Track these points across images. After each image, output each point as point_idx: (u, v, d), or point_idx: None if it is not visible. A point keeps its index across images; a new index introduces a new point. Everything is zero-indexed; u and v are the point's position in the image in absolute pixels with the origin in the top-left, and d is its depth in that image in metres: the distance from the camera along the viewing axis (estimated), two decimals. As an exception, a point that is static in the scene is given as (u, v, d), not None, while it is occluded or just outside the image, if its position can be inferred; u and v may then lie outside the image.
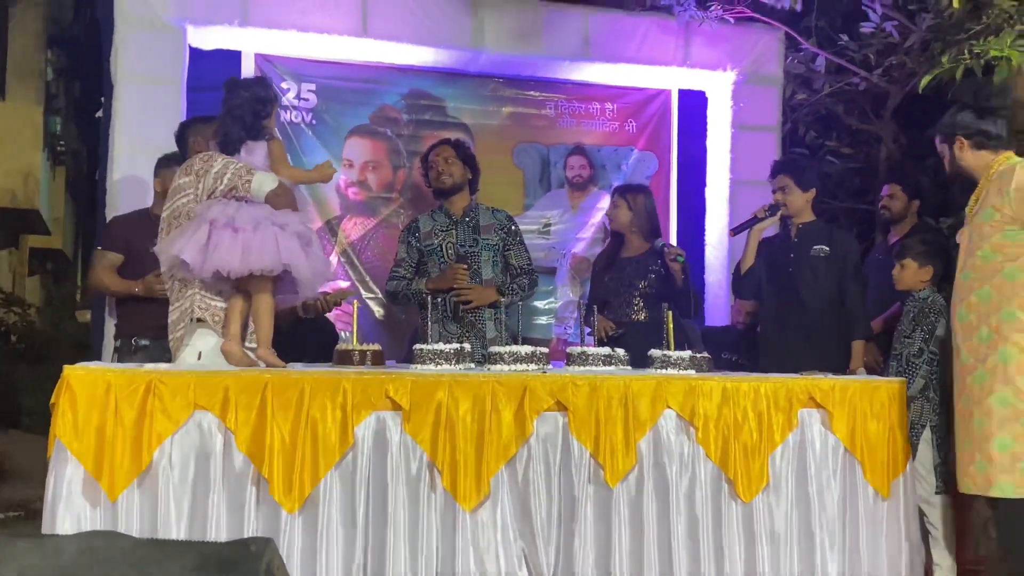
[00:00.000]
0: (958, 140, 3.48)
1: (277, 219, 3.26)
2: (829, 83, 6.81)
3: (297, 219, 3.34)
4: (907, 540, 3.46)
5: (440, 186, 4.42)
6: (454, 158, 4.42)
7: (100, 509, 2.83)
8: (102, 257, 4.35)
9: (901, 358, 3.99)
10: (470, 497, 3.00)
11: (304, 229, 3.34)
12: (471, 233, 4.36)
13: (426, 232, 4.40)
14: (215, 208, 3.25)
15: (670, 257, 4.45)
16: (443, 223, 4.40)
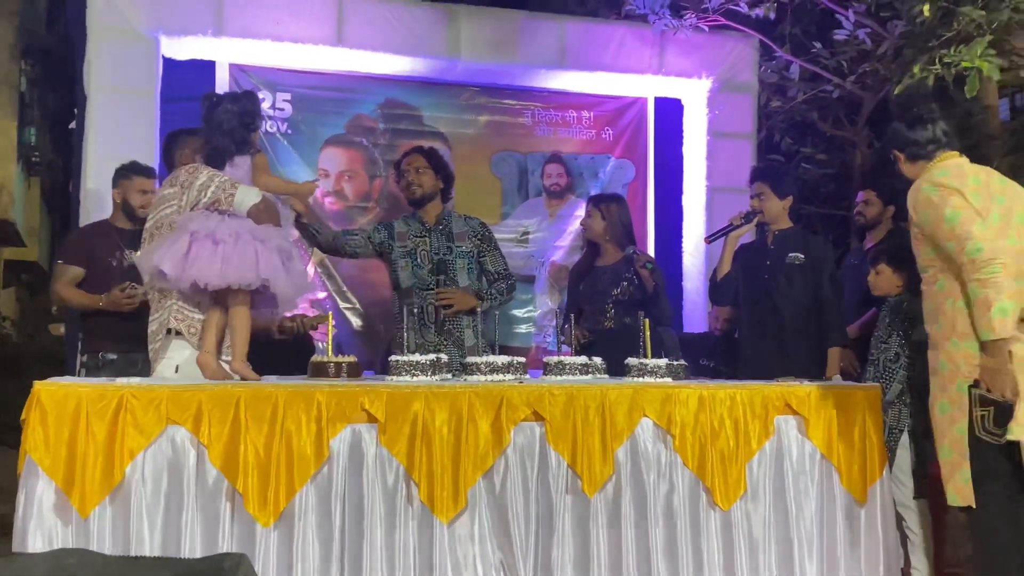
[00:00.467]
0: (895, 155, 3.46)
1: (258, 233, 3.25)
2: (803, 90, 6.87)
3: (278, 234, 3.33)
4: (885, 545, 3.47)
5: (411, 196, 4.40)
6: (425, 167, 4.39)
7: (72, 526, 2.79)
8: (63, 272, 4.29)
9: (878, 363, 4.01)
10: (447, 509, 2.99)
11: (285, 244, 3.32)
12: (445, 241, 4.35)
13: (400, 233, 4.38)
14: (196, 220, 3.24)
15: (639, 264, 4.46)
16: (417, 230, 4.38)
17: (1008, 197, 3.29)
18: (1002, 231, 3.19)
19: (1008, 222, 3.24)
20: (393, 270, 4.37)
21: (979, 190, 3.23)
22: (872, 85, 6.75)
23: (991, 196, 3.25)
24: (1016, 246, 3.20)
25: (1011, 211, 3.26)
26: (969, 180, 3.26)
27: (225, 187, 3.30)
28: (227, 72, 5.53)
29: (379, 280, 5.72)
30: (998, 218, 3.20)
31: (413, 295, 4.26)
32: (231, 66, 5.54)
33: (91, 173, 5.01)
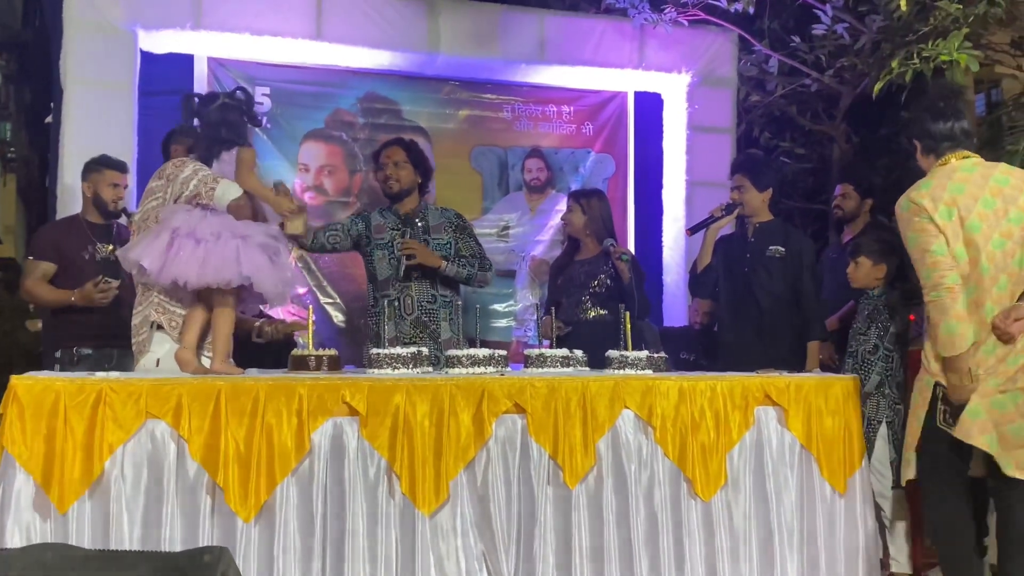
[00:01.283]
0: (913, 143, 3.48)
1: (240, 230, 3.23)
2: (782, 84, 6.90)
3: (262, 230, 3.31)
4: (864, 534, 3.50)
5: (387, 190, 4.37)
6: (404, 161, 4.35)
7: (50, 521, 2.77)
8: (34, 268, 4.25)
9: (856, 355, 4.04)
10: (429, 501, 2.98)
11: (269, 240, 3.30)
12: (421, 234, 4.33)
13: (376, 225, 4.35)
14: (179, 215, 3.22)
15: (615, 256, 4.47)
16: (393, 222, 4.35)
17: (1004, 197, 3.27)
18: (983, 239, 3.22)
19: (996, 224, 3.25)
20: (369, 262, 4.34)
21: (955, 202, 3.24)
22: (850, 79, 6.79)
23: (973, 204, 3.24)
24: (997, 251, 3.23)
25: (1004, 212, 3.26)
26: (947, 193, 3.26)
27: (207, 181, 3.28)
28: (205, 66, 5.50)
29: (359, 275, 5.69)
30: (976, 228, 3.22)
31: (389, 287, 4.25)
32: (209, 60, 5.51)
33: (68, 168, 4.96)
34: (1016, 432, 3.20)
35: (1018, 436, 3.20)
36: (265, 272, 3.21)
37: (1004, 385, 3.22)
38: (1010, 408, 3.21)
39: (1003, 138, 5.58)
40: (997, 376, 3.22)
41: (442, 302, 4.30)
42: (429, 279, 4.28)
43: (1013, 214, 3.27)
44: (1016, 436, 3.20)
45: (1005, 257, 3.25)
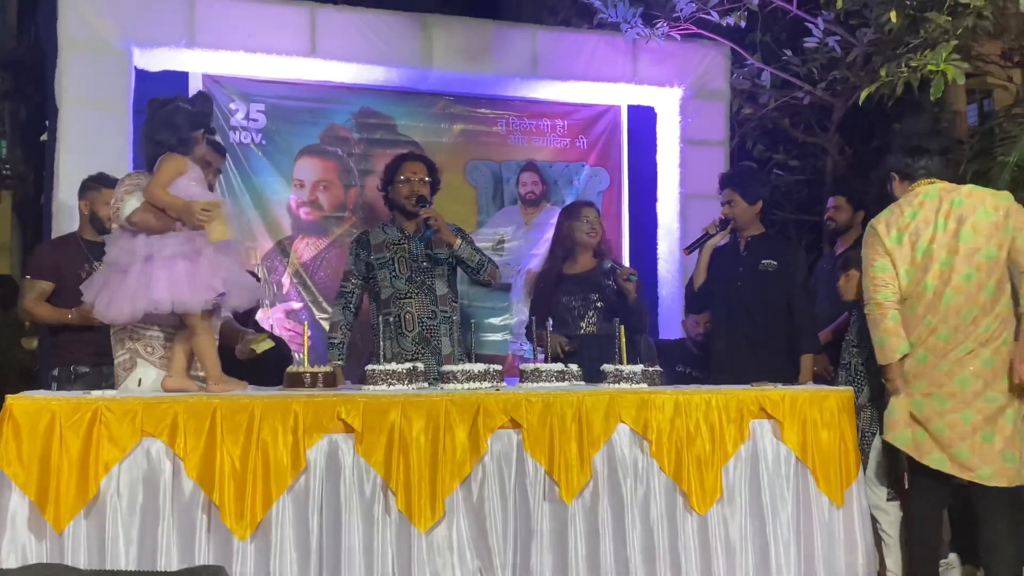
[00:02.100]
0: (892, 177, 3.82)
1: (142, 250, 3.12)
2: (775, 97, 6.93)
3: (169, 243, 3.13)
4: (861, 546, 3.50)
5: (407, 206, 4.34)
6: (425, 178, 4.36)
7: (46, 541, 2.77)
8: (32, 287, 4.25)
9: (850, 368, 4.05)
10: (425, 518, 2.99)
11: (181, 248, 3.13)
12: (424, 248, 4.34)
13: (377, 245, 4.34)
14: (110, 248, 3.20)
15: (623, 278, 4.45)
16: (395, 237, 4.35)
17: (958, 218, 3.56)
18: (928, 259, 3.55)
19: (945, 243, 3.54)
20: (374, 283, 4.32)
21: (907, 226, 3.60)
22: (842, 92, 6.82)
23: (926, 227, 3.57)
24: (944, 269, 3.53)
25: (956, 232, 3.54)
26: (902, 217, 3.63)
27: (119, 198, 3.25)
28: (200, 83, 5.51)
29: (355, 290, 5.71)
30: (924, 250, 3.56)
31: (391, 305, 4.25)
32: (204, 77, 5.53)
33: (63, 186, 4.97)
34: (940, 430, 3.52)
35: (943, 434, 3.52)
36: (183, 286, 3.07)
37: (928, 389, 3.56)
38: (927, 410, 3.55)
39: (994, 148, 5.61)
40: (921, 380, 3.57)
41: (442, 318, 4.30)
42: (429, 295, 4.29)
43: (964, 233, 3.54)
44: (942, 434, 3.52)
45: (952, 274, 3.52)
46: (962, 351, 3.51)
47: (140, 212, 3.17)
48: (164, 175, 3.18)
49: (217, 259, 3.15)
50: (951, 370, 3.52)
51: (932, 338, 3.54)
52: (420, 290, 4.27)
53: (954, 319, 3.51)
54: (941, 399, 3.53)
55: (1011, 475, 3.48)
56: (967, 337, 3.51)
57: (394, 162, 4.48)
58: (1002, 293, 3.54)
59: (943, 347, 3.53)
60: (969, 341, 3.51)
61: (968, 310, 3.50)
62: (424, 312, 4.25)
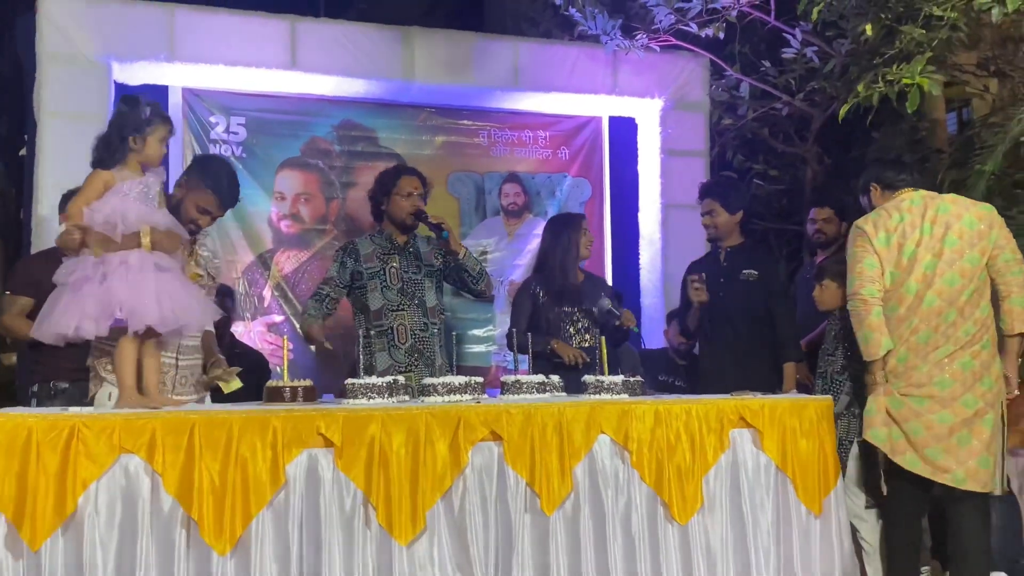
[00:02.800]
0: (872, 187, 3.91)
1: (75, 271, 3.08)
2: (753, 108, 6.98)
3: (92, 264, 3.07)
4: (840, 555, 3.52)
5: (405, 221, 4.32)
6: (421, 193, 4.36)
7: (23, 560, 2.74)
8: (12, 303, 4.21)
9: (826, 376, 4.08)
10: (406, 531, 2.98)
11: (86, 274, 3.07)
12: (413, 260, 4.33)
13: (366, 255, 4.31)
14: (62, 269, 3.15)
15: (625, 327, 4.44)
16: (384, 247, 4.33)
17: (943, 224, 3.64)
18: (913, 262, 3.62)
19: (930, 247, 3.62)
20: (362, 295, 4.28)
21: (895, 229, 3.67)
22: (820, 102, 6.88)
23: (912, 231, 3.65)
24: (928, 272, 3.60)
25: (941, 236, 3.62)
26: (889, 220, 3.69)
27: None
28: (180, 96, 5.51)
29: (336, 303, 5.71)
30: (910, 253, 3.63)
31: (383, 316, 4.23)
32: (184, 90, 5.53)
33: (43, 200, 4.95)
34: (915, 431, 3.58)
35: (918, 435, 3.58)
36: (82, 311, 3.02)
37: (906, 389, 3.61)
38: (904, 409, 3.60)
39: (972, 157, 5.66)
40: (900, 380, 3.62)
41: (433, 330, 4.30)
42: (421, 307, 4.28)
43: (949, 238, 3.63)
44: (917, 435, 3.58)
45: (935, 277, 3.59)
46: (942, 353, 3.57)
47: (64, 234, 3.12)
48: (86, 193, 3.13)
49: (133, 280, 3.06)
50: (931, 372, 3.58)
51: (913, 338, 3.60)
52: (412, 302, 4.26)
53: (934, 320, 3.58)
54: (919, 399, 3.59)
55: (984, 480, 3.52)
56: (947, 339, 3.57)
57: (391, 175, 4.44)
58: (981, 298, 3.61)
59: (923, 348, 3.59)
60: (949, 343, 3.57)
61: (947, 312, 3.57)
62: (416, 324, 4.24)
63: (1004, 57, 6.78)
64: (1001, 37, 6.61)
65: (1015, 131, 5.28)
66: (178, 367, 3.55)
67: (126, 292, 3.03)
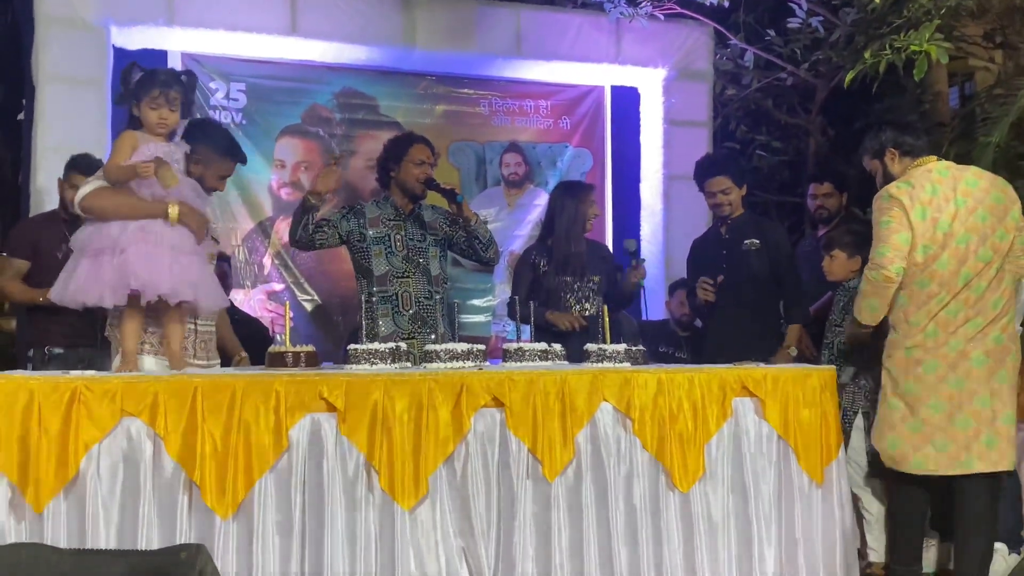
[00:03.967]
0: (890, 152, 3.74)
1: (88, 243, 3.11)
2: (757, 78, 6.93)
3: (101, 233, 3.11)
4: (841, 525, 3.51)
5: (414, 190, 4.28)
6: (431, 162, 4.32)
7: (26, 522, 2.74)
8: (7, 265, 4.19)
9: (832, 347, 4.07)
10: (408, 496, 2.98)
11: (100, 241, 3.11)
12: (419, 229, 4.30)
13: (372, 219, 4.27)
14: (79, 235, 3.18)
15: (633, 281, 4.45)
16: (390, 214, 4.29)
17: (975, 198, 3.56)
18: (948, 237, 3.51)
19: (964, 221, 3.52)
20: (364, 257, 4.23)
21: (930, 202, 3.53)
22: (825, 73, 6.83)
23: (945, 204, 3.53)
24: (961, 246, 3.51)
25: (973, 210, 3.54)
26: (923, 192, 3.55)
27: (75, 188, 3.23)
28: (179, 62, 5.46)
29: (336, 271, 5.70)
30: (945, 227, 3.52)
31: (387, 282, 4.20)
32: (183, 56, 5.48)
33: (41, 165, 4.93)
34: (935, 408, 3.49)
35: (939, 411, 3.50)
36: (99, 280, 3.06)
37: (933, 363, 3.51)
38: (922, 390, 3.51)
39: (975, 130, 5.63)
40: (930, 355, 3.52)
41: (437, 298, 4.28)
42: (425, 275, 4.25)
43: (980, 212, 3.54)
44: (938, 411, 3.50)
45: (969, 253, 3.51)
46: (972, 328, 3.51)
47: (89, 198, 3.13)
48: (116, 154, 3.18)
49: (150, 252, 3.09)
50: (965, 348, 3.50)
51: (943, 313, 3.51)
52: (417, 270, 4.23)
53: (964, 293, 3.51)
54: (946, 378, 3.50)
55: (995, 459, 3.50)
56: (978, 313, 3.51)
57: (402, 142, 4.38)
58: (1005, 272, 3.58)
59: (952, 322, 3.51)
60: (979, 317, 3.51)
61: (978, 285, 3.51)
62: (421, 292, 4.22)
63: (1011, 28, 6.72)
64: (1008, 8, 6.55)
65: (1021, 102, 5.24)
66: (197, 332, 3.53)
67: (142, 264, 3.06)
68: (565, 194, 4.62)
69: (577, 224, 4.51)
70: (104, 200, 3.13)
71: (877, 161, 3.79)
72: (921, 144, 3.70)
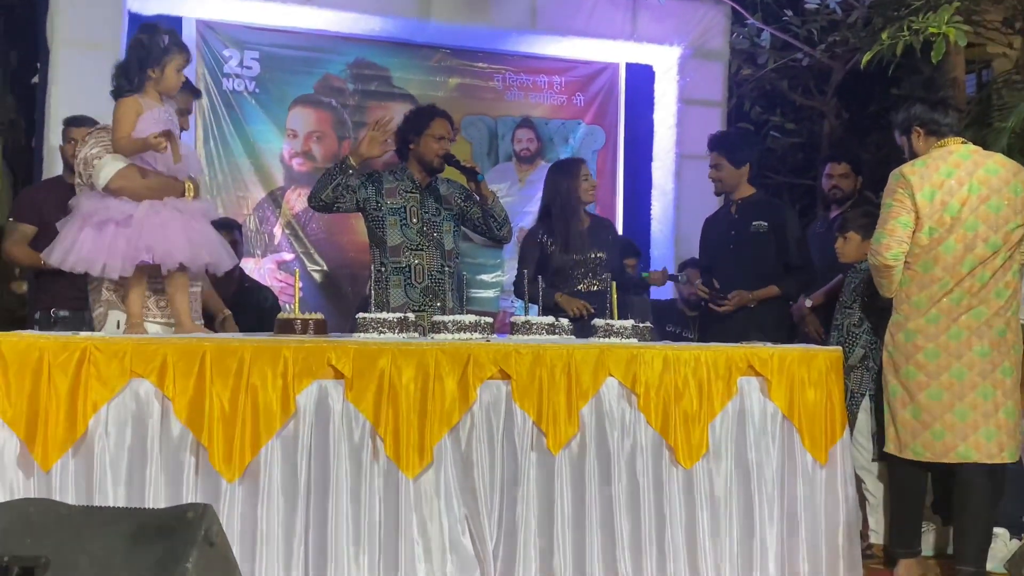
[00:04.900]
0: (915, 130, 3.68)
1: (103, 214, 3.10)
2: (773, 59, 6.89)
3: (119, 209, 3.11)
4: (844, 505, 3.52)
5: (432, 164, 4.27)
6: (449, 137, 4.30)
7: (34, 479, 2.77)
8: (14, 229, 4.22)
9: (842, 328, 4.06)
10: (413, 464, 2.99)
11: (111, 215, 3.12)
12: (434, 202, 4.30)
13: (389, 189, 4.26)
14: (83, 203, 3.17)
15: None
16: (407, 186, 4.28)
17: (990, 186, 3.49)
18: (956, 222, 3.47)
19: (975, 209, 3.47)
20: (379, 227, 4.21)
21: (941, 185, 3.49)
22: (841, 54, 6.78)
23: (958, 188, 3.48)
24: (969, 233, 3.47)
25: (986, 198, 3.49)
26: (936, 174, 3.51)
27: (89, 163, 3.20)
28: (194, 28, 5.45)
29: (346, 242, 5.71)
30: (954, 211, 3.48)
31: (400, 253, 4.20)
32: (198, 22, 5.47)
33: (54, 130, 4.93)
34: (935, 396, 3.50)
35: (939, 398, 3.49)
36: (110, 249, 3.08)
37: (934, 351, 3.49)
38: (923, 375, 3.50)
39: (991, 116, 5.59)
40: (931, 342, 3.49)
41: (448, 272, 4.28)
42: (439, 249, 4.25)
43: (994, 201, 3.48)
44: (937, 398, 3.49)
45: (976, 240, 3.47)
46: (975, 317, 3.47)
47: (117, 179, 3.13)
48: (123, 124, 3.14)
49: (162, 222, 3.11)
50: (968, 340, 3.47)
51: (946, 300, 3.48)
52: (430, 243, 4.23)
53: (968, 281, 3.47)
54: (948, 367, 3.49)
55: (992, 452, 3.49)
56: (981, 302, 3.48)
57: (424, 115, 4.35)
58: (1012, 262, 3.53)
59: (955, 310, 3.48)
60: (983, 307, 3.48)
61: (983, 274, 3.47)
62: (433, 265, 4.22)
63: (1031, 14, 6.66)
64: (1028, -7, 6.49)
65: (1039, 88, 5.20)
66: None
67: (157, 235, 3.09)
68: (556, 174, 4.63)
69: (572, 201, 4.51)
70: (133, 182, 3.14)
71: (904, 137, 3.73)
72: (949, 123, 3.63)
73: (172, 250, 3.11)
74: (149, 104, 3.19)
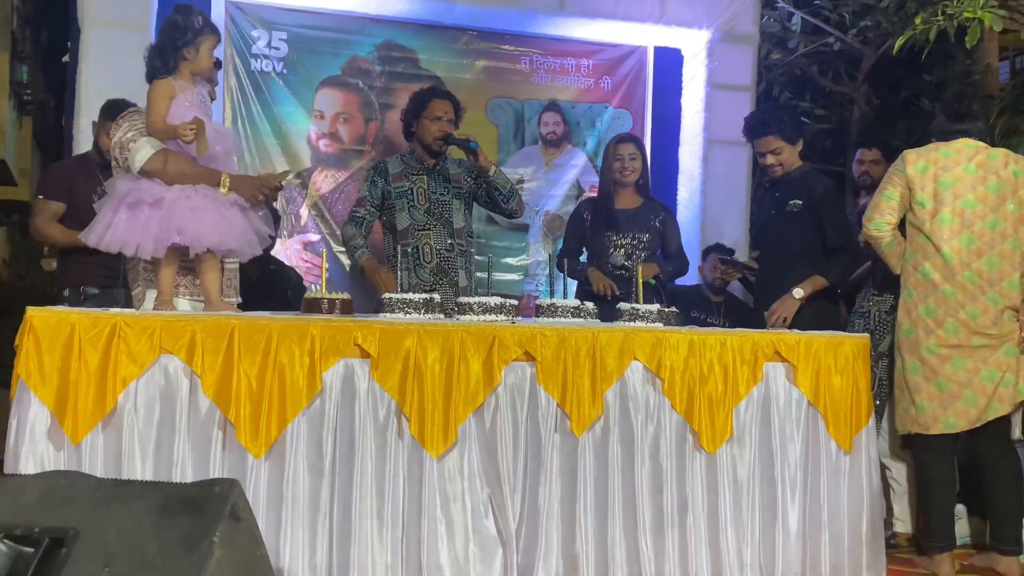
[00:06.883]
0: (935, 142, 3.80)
1: (136, 195, 3.11)
2: (804, 43, 6.82)
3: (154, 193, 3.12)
4: (868, 493, 3.51)
5: (435, 147, 4.29)
6: (453, 118, 4.31)
7: (64, 452, 2.80)
8: (44, 207, 4.25)
9: (869, 315, 4.03)
10: (437, 444, 3.01)
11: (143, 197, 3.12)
12: (442, 182, 4.32)
13: (395, 174, 4.31)
14: (119, 184, 3.17)
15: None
16: (414, 168, 4.32)
17: (987, 168, 3.59)
18: (952, 196, 3.58)
19: (971, 187, 3.58)
20: (390, 213, 4.30)
21: (935, 161, 3.63)
22: (873, 39, 6.70)
23: (954, 166, 3.60)
24: (966, 209, 3.56)
25: (983, 179, 3.59)
26: (933, 152, 3.65)
27: (124, 146, 3.21)
28: (223, 8, 5.47)
29: (373, 224, 5.71)
30: (948, 184, 3.60)
31: (409, 236, 4.24)
32: (227, 3, 5.49)
33: (84, 108, 4.97)
34: (954, 372, 3.57)
35: (952, 381, 3.58)
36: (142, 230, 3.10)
37: (954, 326, 3.56)
38: (939, 355, 3.58)
39: (1023, 102, 5.52)
40: (951, 317, 3.56)
41: (459, 250, 4.30)
42: (447, 227, 4.27)
43: (991, 181, 3.57)
44: (951, 381, 3.58)
45: (973, 217, 3.55)
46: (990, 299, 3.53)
47: (152, 162, 3.14)
48: (157, 108, 3.15)
49: (194, 205, 3.12)
50: (976, 326, 3.53)
51: (947, 286, 3.57)
52: (438, 222, 4.26)
53: (975, 262, 3.54)
54: (960, 346, 3.55)
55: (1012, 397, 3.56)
56: (991, 285, 3.52)
57: (422, 97, 4.39)
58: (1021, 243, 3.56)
59: (972, 289, 3.54)
60: (993, 290, 3.51)
61: (989, 256, 3.52)
62: (442, 244, 4.25)
63: (1069, -1, 6.55)
64: (1067, -23, 6.39)
65: (1074, 76, 5.12)
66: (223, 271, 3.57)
67: (188, 218, 3.10)
68: (605, 150, 4.67)
69: (606, 178, 4.56)
70: (168, 166, 3.14)
71: None
72: (961, 128, 3.70)
73: (202, 234, 3.13)
74: (182, 86, 3.20)
